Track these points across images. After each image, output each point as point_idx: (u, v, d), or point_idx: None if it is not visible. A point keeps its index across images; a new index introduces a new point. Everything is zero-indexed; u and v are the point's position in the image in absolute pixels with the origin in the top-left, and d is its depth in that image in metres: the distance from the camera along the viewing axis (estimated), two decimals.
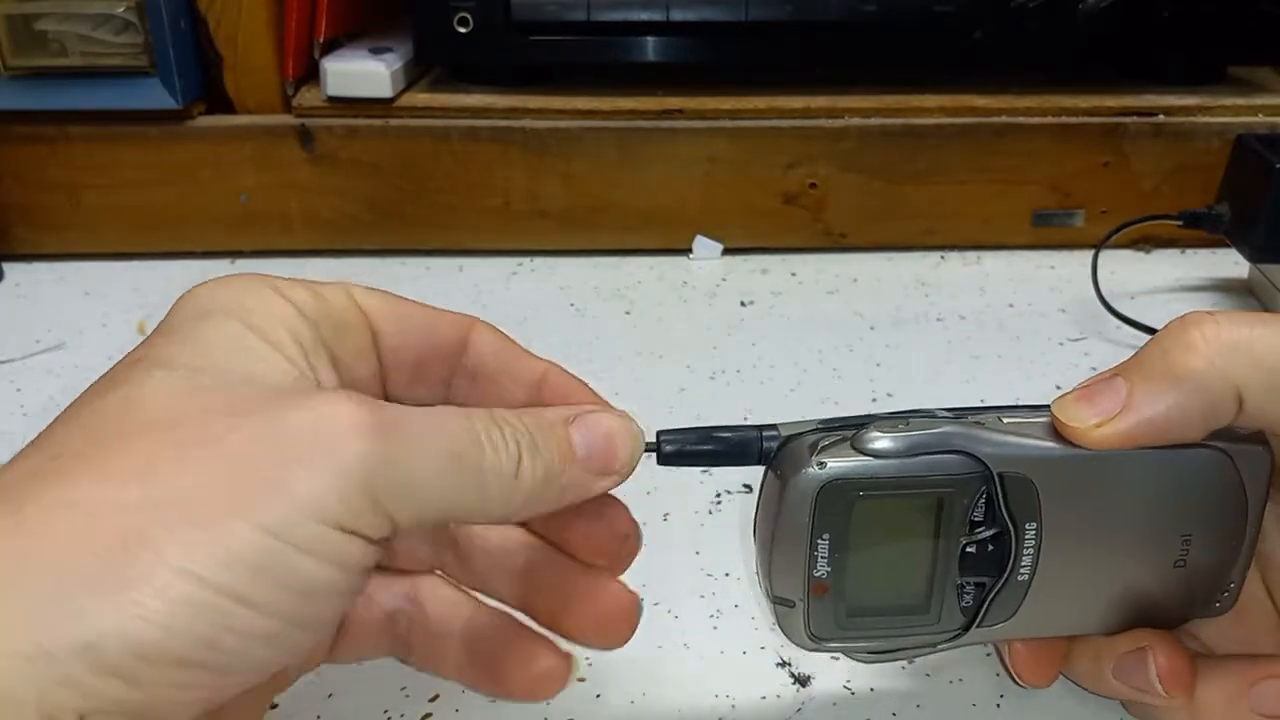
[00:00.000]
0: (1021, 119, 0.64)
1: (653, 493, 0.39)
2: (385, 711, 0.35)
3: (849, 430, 0.28)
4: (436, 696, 0.35)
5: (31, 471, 0.22)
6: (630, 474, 0.27)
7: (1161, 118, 0.64)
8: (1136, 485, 0.28)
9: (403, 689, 0.35)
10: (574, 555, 0.30)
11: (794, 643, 0.29)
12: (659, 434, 0.29)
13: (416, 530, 0.29)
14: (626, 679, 0.36)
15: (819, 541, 0.28)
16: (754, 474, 0.30)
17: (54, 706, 0.20)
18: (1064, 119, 0.64)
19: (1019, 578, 0.29)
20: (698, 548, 0.42)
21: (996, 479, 0.28)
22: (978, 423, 0.28)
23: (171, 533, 0.21)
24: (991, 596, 0.29)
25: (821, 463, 0.27)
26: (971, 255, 0.66)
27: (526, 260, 0.66)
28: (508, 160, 0.64)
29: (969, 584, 0.29)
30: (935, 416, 0.28)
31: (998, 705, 0.34)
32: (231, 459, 0.22)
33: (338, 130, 0.64)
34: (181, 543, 0.21)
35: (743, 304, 0.60)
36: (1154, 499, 0.28)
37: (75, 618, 0.20)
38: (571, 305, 0.61)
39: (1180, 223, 0.59)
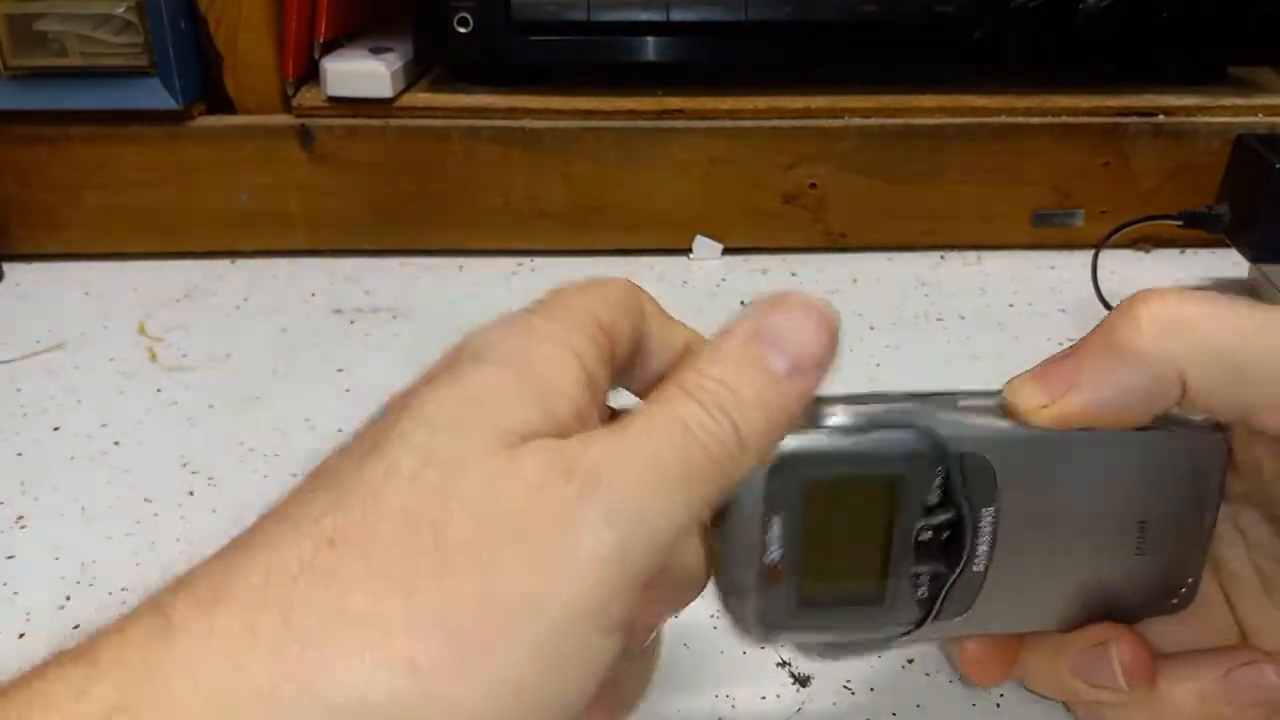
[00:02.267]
0: (1021, 119, 0.64)
1: None
2: None
3: (815, 408, 0.27)
4: None
5: (309, 562, 0.21)
6: (835, 354, 0.25)
7: (1161, 118, 0.64)
8: (1092, 468, 0.28)
9: None
10: None
11: (744, 634, 0.28)
12: None
13: None
14: None
15: (772, 522, 0.26)
16: None
17: None
18: (1064, 119, 0.64)
19: (974, 568, 0.28)
20: None
21: (956, 458, 0.27)
22: (936, 402, 0.28)
23: (441, 660, 0.20)
24: (947, 588, 0.28)
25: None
26: (971, 255, 0.66)
27: (526, 260, 0.66)
28: (508, 160, 0.64)
29: (924, 574, 0.28)
30: (892, 397, 0.28)
31: (997, 705, 0.34)
32: (491, 574, 0.21)
33: (338, 130, 0.64)
34: (450, 670, 0.20)
35: (743, 304, 0.60)
36: (1109, 483, 0.28)
37: None
38: None
39: (1180, 223, 0.59)
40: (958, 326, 0.59)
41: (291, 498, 0.23)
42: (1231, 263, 0.61)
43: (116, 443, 0.49)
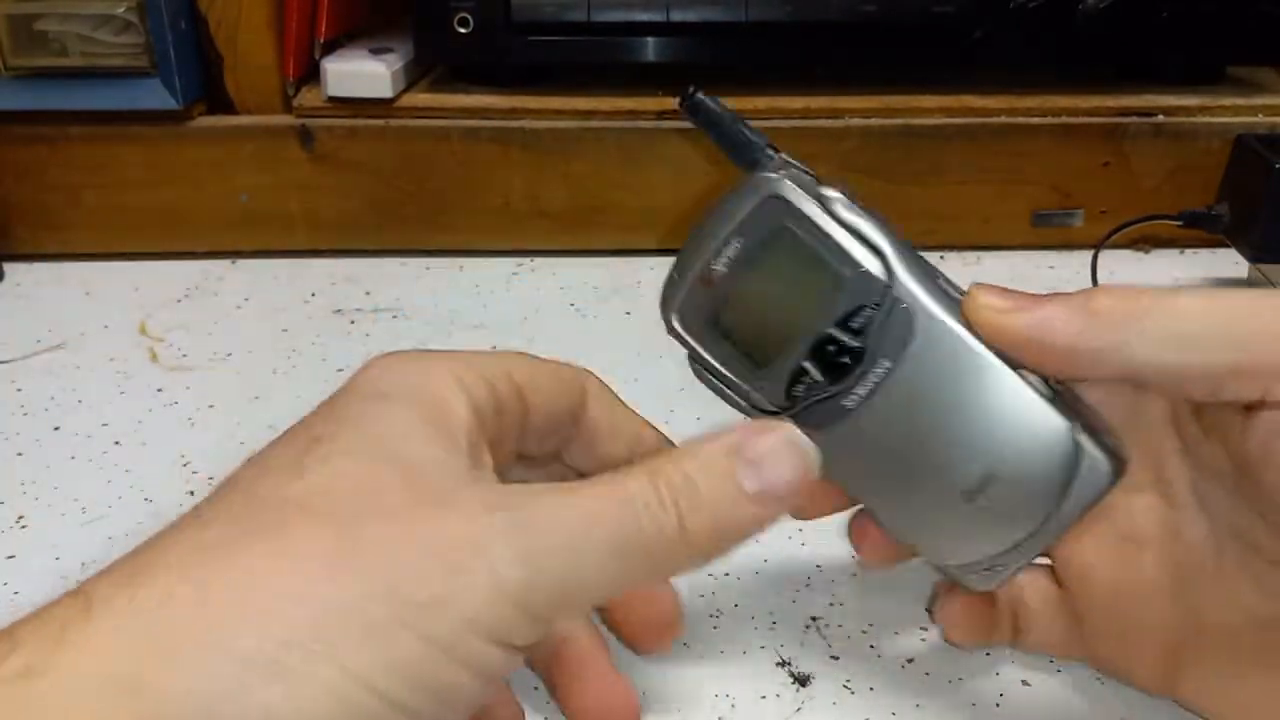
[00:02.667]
0: (1021, 119, 0.64)
1: None
2: None
3: (824, 186, 0.30)
4: None
5: (220, 540, 0.23)
6: (802, 490, 0.26)
7: (1161, 118, 0.64)
8: (985, 397, 0.29)
9: None
10: (618, 632, 0.32)
11: (661, 310, 0.31)
12: (693, 87, 0.31)
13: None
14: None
15: (733, 240, 0.30)
16: None
17: None
18: (1064, 119, 0.64)
19: (844, 402, 0.30)
20: None
21: (893, 302, 0.29)
22: (920, 265, 0.30)
23: (346, 633, 0.22)
24: (814, 401, 0.30)
25: (782, 180, 0.30)
26: (971, 255, 0.66)
27: (526, 260, 0.66)
28: (508, 160, 0.64)
29: (806, 374, 0.30)
30: (897, 234, 0.30)
31: (997, 705, 0.34)
32: (400, 572, 0.23)
33: (338, 130, 0.64)
34: (354, 645, 0.22)
35: None
36: (989, 423, 0.29)
37: (247, 704, 0.21)
38: (571, 305, 0.61)
39: (1180, 223, 0.59)
40: None
41: (206, 503, 0.25)
42: (1232, 263, 0.61)
43: (117, 443, 0.49)
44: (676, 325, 0.31)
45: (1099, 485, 0.28)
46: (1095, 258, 0.60)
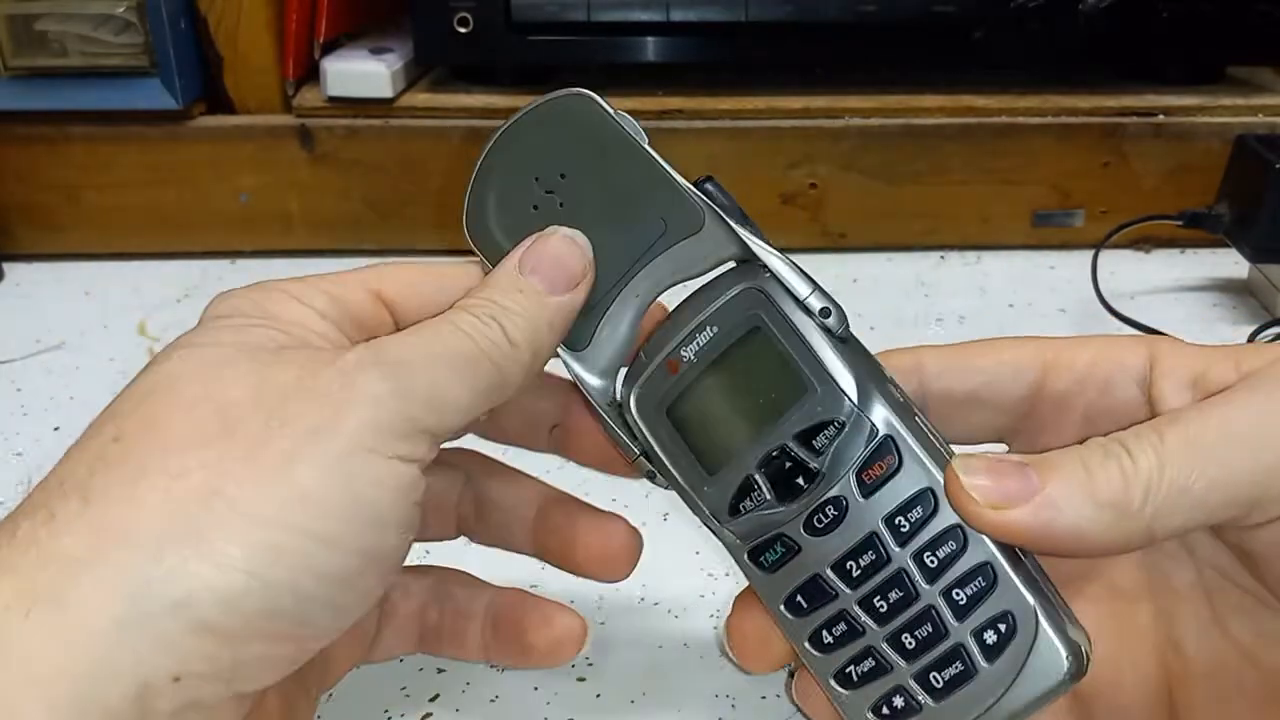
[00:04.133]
0: (1021, 119, 0.64)
1: (651, 495, 0.39)
2: (386, 711, 0.35)
3: (816, 297, 0.28)
4: (436, 696, 0.35)
5: (97, 454, 0.23)
6: (591, 274, 0.29)
7: (1161, 118, 0.64)
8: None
9: (403, 689, 0.35)
10: (578, 570, 0.32)
11: (623, 386, 0.30)
12: (707, 178, 0.30)
13: (456, 436, 0.31)
14: (626, 679, 0.36)
15: (707, 328, 0.28)
16: None
17: (150, 671, 0.21)
18: (1064, 119, 0.64)
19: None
20: (698, 548, 0.42)
21: (859, 422, 0.27)
22: (899, 402, 0.27)
23: (240, 485, 0.22)
24: (757, 510, 0.28)
25: (768, 277, 0.28)
26: (971, 255, 0.66)
27: None
28: None
29: (753, 494, 0.28)
30: (880, 372, 0.28)
31: None
32: (275, 413, 0.23)
33: (338, 130, 0.64)
34: (251, 491, 0.22)
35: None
36: None
37: (163, 578, 0.21)
38: None
39: (1180, 223, 0.59)
40: (958, 327, 0.59)
41: (81, 436, 0.25)
42: (1232, 263, 0.61)
43: (116, 440, 0.49)
44: (632, 408, 0.29)
45: (1051, 681, 0.25)
46: (1095, 258, 0.60)
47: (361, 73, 0.63)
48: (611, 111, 0.30)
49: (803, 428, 0.27)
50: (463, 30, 0.62)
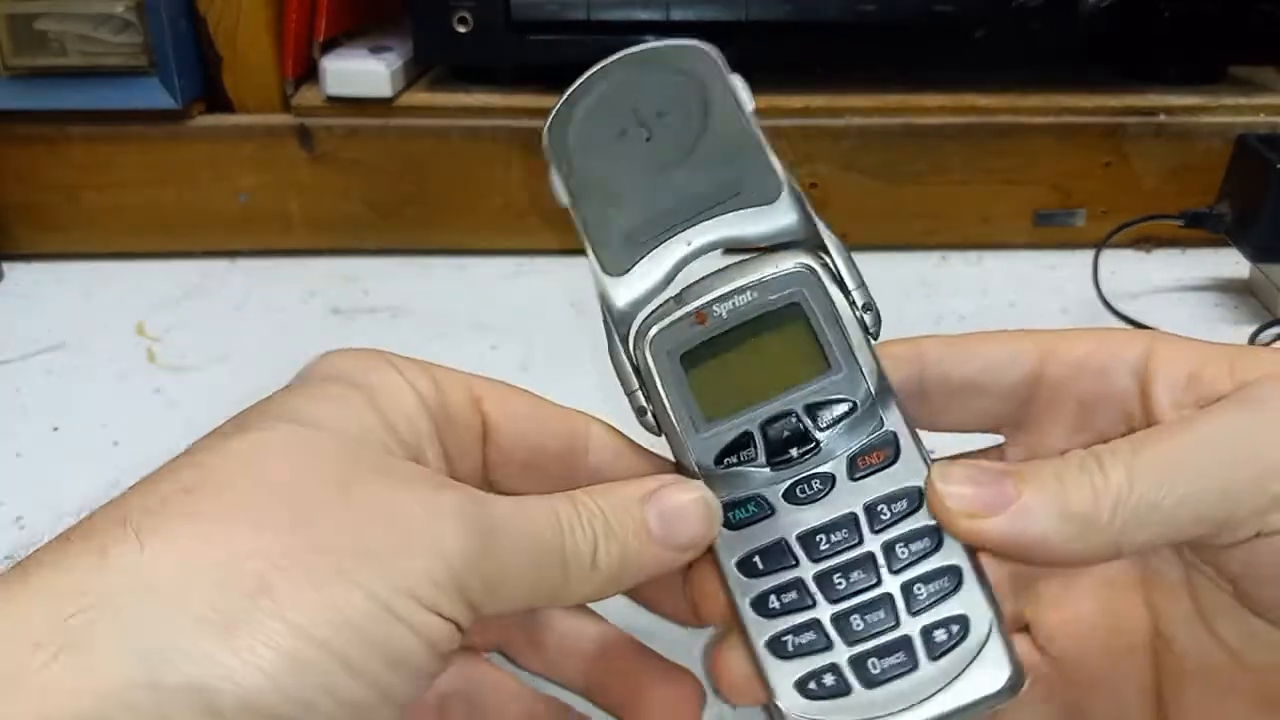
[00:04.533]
0: (1022, 119, 0.64)
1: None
2: None
3: (862, 293, 0.29)
4: None
5: (164, 500, 0.23)
6: (706, 545, 0.28)
7: (1162, 118, 0.64)
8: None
9: None
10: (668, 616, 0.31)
11: (638, 326, 0.29)
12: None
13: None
14: None
15: (749, 292, 0.29)
16: None
17: None
18: (1065, 119, 0.64)
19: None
20: None
21: (871, 410, 0.28)
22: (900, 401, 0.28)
23: (290, 587, 0.22)
24: (748, 466, 0.28)
25: (819, 261, 0.29)
26: (972, 255, 0.66)
27: (526, 260, 0.66)
28: (508, 160, 0.64)
29: (745, 450, 0.28)
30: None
31: None
32: (347, 527, 0.23)
33: (337, 130, 0.64)
34: (298, 598, 0.21)
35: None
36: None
37: (189, 657, 0.21)
38: (571, 305, 0.61)
39: (1181, 222, 0.59)
40: (958, 327, 0.58)
41: (158, 470, 0.24)
42: (1232, 262, 0.61)
43: (116, 443, 0.49)
44: (647, 344, 0.29)
45: (989, 689, 0.26)
46: (1096, 258, 0.60)
47: (361, 72, 0.63)
48: (726, 71, 0.30)
49: (815, 400, 0.28)
50: (463, 30, 0.62)
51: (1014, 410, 0.30)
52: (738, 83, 0.30)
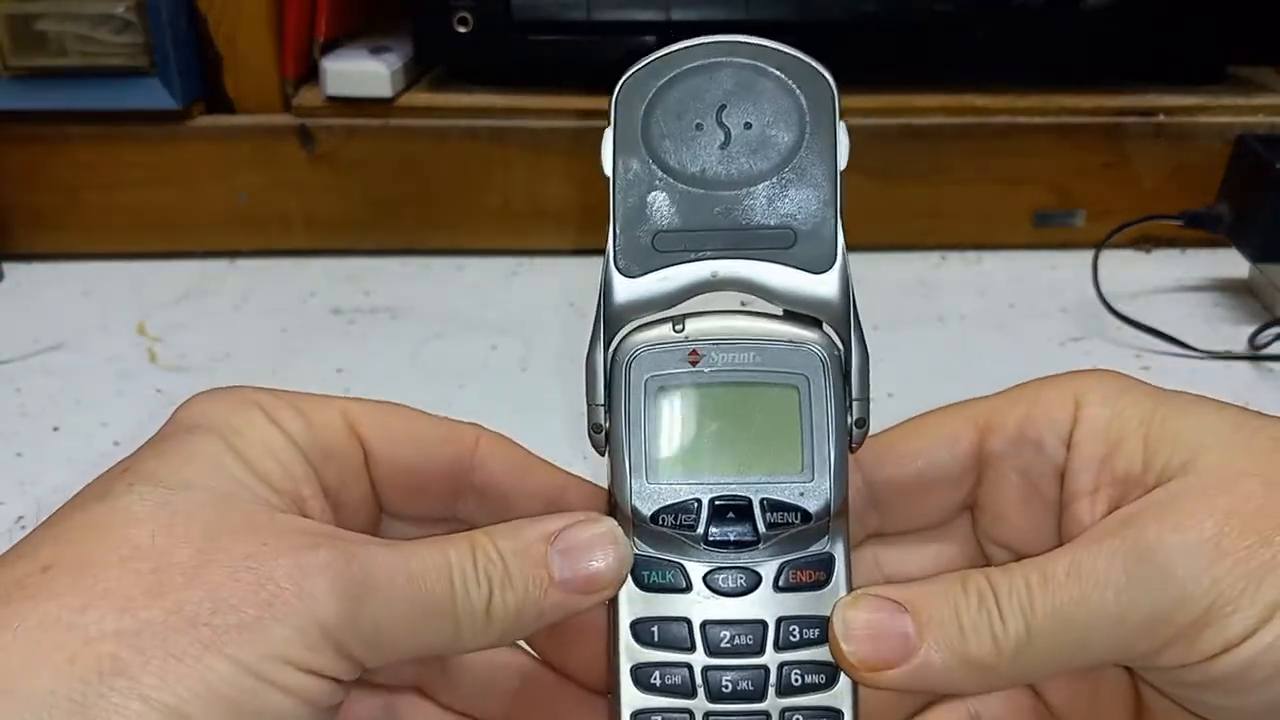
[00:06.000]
0: (1022, 119, 0.64)
1: None
2: None
3: (862, 406, 0.27)
4: None
5: (22, 580, 0.22)
6: (613, 593, 0.26)
7: (1162, 118, 0.64)
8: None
9: None
10: (572, 678, 0.30)
11: (622, 342, 0.27)
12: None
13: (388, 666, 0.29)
14: None
15: (751, 352, 0.27)
16: None
17: None
18: (1065, 119, 0.64)
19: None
20: None
21: (820, 532, 0.26)
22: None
23: (148, 664, 0.21)
24: (682, 534, 0.27)
25: (835, 352, 0.27)
26: (972, 255, 0.66)
27: (526, 260, 0.66)
28: (508, 160, 0.64)
29: (684, 517, 0.27)
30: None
31: None
32: (210, 594, 0.22)
33: (337, 130, 0.64)
34: (158, 674, 0.21)
35: (742, 303, 0.60)
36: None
37: None
38: (571, 305, 0.61)
39: (1181, 223, 0.59)
40: (958, 327, 0.59)
41: (21, 540, 0.24)
42: (1232, 262, 0.61)
43: (116, 443, 0.49)
44: (629, 367, 0.27)
45: None
46: (1096, 258, 0.60)
47: (361, 72, 0.63)
48: (838, 113, 0.27)
49: (775, 497, 0.26)
50: (463, 30, 0.62)
51: (970, 493, 0.30)
52: (843, 132, 0.27)
